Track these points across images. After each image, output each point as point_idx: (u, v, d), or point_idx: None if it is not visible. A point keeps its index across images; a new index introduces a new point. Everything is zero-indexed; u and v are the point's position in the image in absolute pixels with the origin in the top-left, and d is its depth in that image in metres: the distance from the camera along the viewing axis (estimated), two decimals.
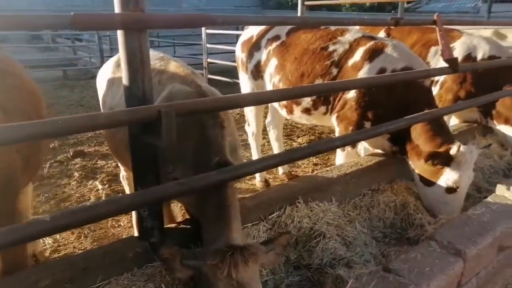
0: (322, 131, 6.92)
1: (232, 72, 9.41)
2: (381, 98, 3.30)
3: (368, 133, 2.82)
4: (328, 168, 3.32)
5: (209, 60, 11.06)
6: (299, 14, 8.25)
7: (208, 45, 10.85)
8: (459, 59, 4.47)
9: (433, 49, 4.72)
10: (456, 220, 2.58)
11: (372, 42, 3.49)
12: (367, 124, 3.40)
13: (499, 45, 4.54)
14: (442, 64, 4.74)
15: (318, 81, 3.61)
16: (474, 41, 4.55)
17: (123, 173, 3.78)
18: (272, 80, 4.04)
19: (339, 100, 3.54)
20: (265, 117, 5.11)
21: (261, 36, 4.26)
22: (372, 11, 33.31)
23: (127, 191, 3.79)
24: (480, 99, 3.86)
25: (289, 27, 4.03)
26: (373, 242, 2.84)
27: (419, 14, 31.21)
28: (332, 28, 3.82)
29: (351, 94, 3.40)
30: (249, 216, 2.57)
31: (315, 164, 5.37)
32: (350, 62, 3.50)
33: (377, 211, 3.15)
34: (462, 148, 2.94)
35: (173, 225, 2.45)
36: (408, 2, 34.96)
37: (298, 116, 4.03)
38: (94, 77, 4.41)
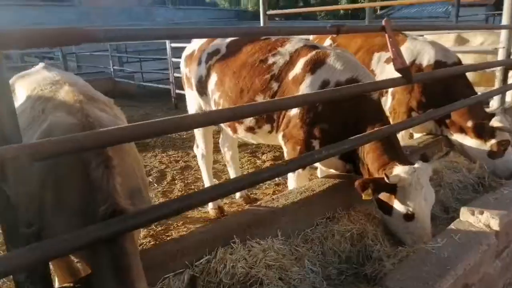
0: None
1: None
2: (327, 114, 2.96)
3: (315, 157, 2.46)
4: (274, 196, 2.93)
5: (175, 74, 10.65)
6: (261, 25, 7.96)
7: (174, 59, 10.45)
8: None
9: (376, 55, 4.43)
10: (414, 258, 2.22)
11: (313, 52, 3.16)
12: (315, 143, 3.06)
13: (445, 50, 4.28)
14: (387, 71, 4.49)
15: (259, 97, 3.26)
16: (418, 46, 4.27)
17: None
18: (213, 97, 3.68)
19: (283, 117, 3.18)
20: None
21: (202, 50, 3.89)
22: (346, 19, 33.60)
23: None
24: (435, 113, 3.56)
25: (230, 39, 3.67)
26: (323, 284, 2.45)
27: (392, 20, 31.57)
28: (273, 38, 3.46)
29: (294, 110, 3.04)
30: (171, 264, 2.16)
31: (277, 184, 4.99)
32: (291, 75, 3.15)
33: (331, 244, 2.76)
34: (401, 171, 2.59)
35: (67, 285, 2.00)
36: (381, 8, 35.40)
37: (242, 135, 3.67)
38: None
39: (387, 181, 2.55)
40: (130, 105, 9.75)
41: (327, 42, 4.89)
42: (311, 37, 5.33)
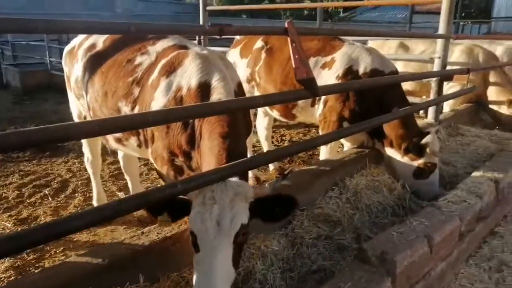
0: None
1: None
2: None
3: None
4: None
5: None
6: (201, 22, 7.43)
7: None
8: (340, 73, 3.85)
9: (312, 60, 4.05)
10: None
11: (174, 53, 2.68)
12: (178, 161, 2.58)
13: (382, 57, 3.96)
14: (324, 77, 4.13)
15: (121, 103, 2.76)
16: (355, 52, 3.93)
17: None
18: (86, 100, 3.17)
19: (148, 131, 2.69)
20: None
21: (80, 45, 3.35)
22: (310, 19, 33.57)
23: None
24: (365, 124, 3.21)
25: None
26: None
27: (354, 23, 31.86)
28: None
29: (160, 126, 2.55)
30: None
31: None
32: (151, 79, 2.66)
33: None
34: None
35: None
36: (344, 11, 35.68)
37: (115, 146, 3.18)
38: None
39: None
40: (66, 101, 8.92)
41: (259, 44, 4.45)
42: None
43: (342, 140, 4.43)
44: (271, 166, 5.21)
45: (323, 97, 4.00)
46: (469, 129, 5.41)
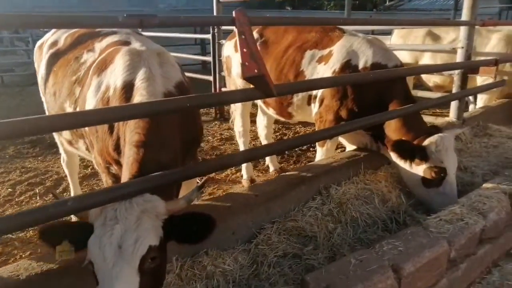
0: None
1: None
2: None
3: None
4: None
5: None
6: (215, 13, 7.18)
7: None
8: (336, 67, 3.43)
9: (308, 53, 3.65)
10: None
11: (110, 50, 2.41)
12: (113, 169, 2.33)
13: (385, 50, 3.47)
14: (320, 72, 3.71)
15: (66, 104, 2.57)
16: (355, 44, 3.47)
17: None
18: (44, 100, 3.02)
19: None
20: None
21: (46, 41, 3.20)
22: (353, 9, 32.22)
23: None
24: (360, 122, 2.84)
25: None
26: None
27: (400, 12, 30.12)
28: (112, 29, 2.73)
29: (91, 129, 2.31)
30: None
31: None
32: (88, 78, 2.41)
33: None
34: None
35: None
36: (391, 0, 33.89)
37: (70, 149, 3.01)
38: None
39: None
40: None
41: (254, 36, 4.10)
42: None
43: (344, 142, 4.01)
44: (271, 167, 4.87)
45: (319, 95, 3.60)
46: (500, 128, 4.72)
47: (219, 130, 6.79)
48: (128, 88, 2.14)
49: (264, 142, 4.96)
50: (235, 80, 4.27)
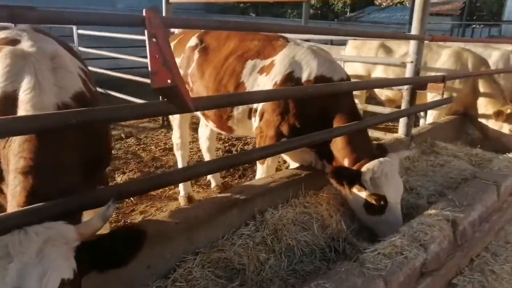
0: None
1: (113, 82, 7.75)
2: None
3: None
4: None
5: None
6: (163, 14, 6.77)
7: (81, 49, 9.11)
8: (278, 79, 3.15)
9: (249, 63, 3.36)
10: None
11: None
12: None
13: (330, 61, 3.23)
14: (261, 85, 3.45)
15: None
16: (298, 54, 3.21)
17: None
18: None
19: None
20: None
21: None
22: (315, 19, 32.66)
23: None
24: (300, 141, 2.56)
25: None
26: None
27: (360, 23, 30.83)
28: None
29: None
30: None
31: None
32: None
33: None
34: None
35: None
36: (352, 11, 34.69)
37: None
38: None
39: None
40: None
41: (193, 41, 3.76)
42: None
43: (287, 158, 3.75)
44: (213, 182, 4.53)
45: (259, 109, 3.31)
46: (446, 146, 4.65)
47: (164, 139, 6.36)
48: (8, 101, 1.73)
49: (206, 155, 4.62)
50: None
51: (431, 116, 5.63)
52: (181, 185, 4.16)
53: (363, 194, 2.85)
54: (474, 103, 5.39)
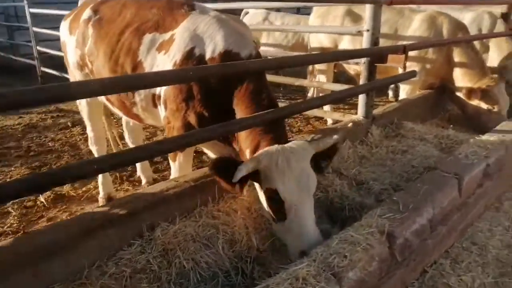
0: None
1: None
2: None
3: None
4: None
5: (39, 48, 8.62)
6: None
7: (36, 29, 8.41)
8: (177, 58, 2.54)
9: (147, 37, 2.72)
10: None
11: None
12: None
13: (239, 34, 2.58)
14: (160, 65, 2.81)
15: None
16: (201, 26, 2.56)
17: None
18: None
19: None
20: None
21: None
22: None
23: None
24: (206, 132, 2.00)
25: None
26: None
27: None
28: None
29: None
30: None
31: None
32: None
33: None
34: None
35: None
36: None
37: None
38: None
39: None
40: None
41: (87, 13, 3.10)
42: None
43: (208, 152, 3.15)
44: (143, 179, 3.96)
45: (162, 95, 2.69)
46: (414, 127, 4.01)
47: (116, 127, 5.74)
48: None
49: (132, 146, 4.03)
50: (73, 72, 3.29)
51: (403, 91, 4.97)
52: (100, 185, 3.60)
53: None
54: (450, 75, 4.71)
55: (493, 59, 5.23)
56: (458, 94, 4.70)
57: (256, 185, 2.23)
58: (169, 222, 2.33)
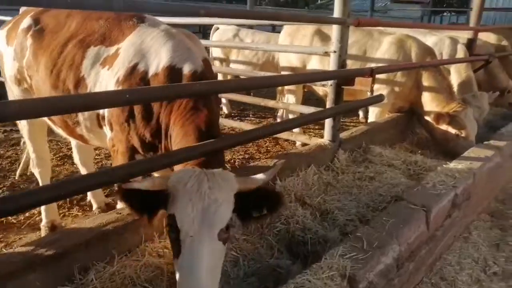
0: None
1: None
2: None
3: None
4: None
5: None
6: None
7: None
8: (120, 75, 2.29)
9: (92, 51, 2.46)
10: None
11: None
12: None
13: (186, 48, 2.34)
14: (103, 83, 2.54)
15: None
16: (147, 40, 2.34)
17: None
18: None
19: None
20: None
21: None
22: (286, 6, 31.61)
23: None
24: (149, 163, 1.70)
25: None
26: None
27: (330, 10, 29.96)
28: None
29: None
30: None
31: None
32: None
33: None
34: None
35: None
36: None
37: None
38: None
39: None
40: None
41: (26, 22, 2.81)
42: None
43: None
44: (94, 204, 3.65)
45: (106, 115, 2.43)
46: (382, 152, 3.89)
47: (67, 144, 5.40)
48: None
49: (82, 170, 3.71)
50: (10, 87, 2.99)
51: (373, 113, 4.88)
52: (43, 211, 3.26)
53: None
54: (419, 99, 4.65)
55: (452, 83, 5.24)
56: (427, 118, 4.64)
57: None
58: (106, 262, 2.05)
